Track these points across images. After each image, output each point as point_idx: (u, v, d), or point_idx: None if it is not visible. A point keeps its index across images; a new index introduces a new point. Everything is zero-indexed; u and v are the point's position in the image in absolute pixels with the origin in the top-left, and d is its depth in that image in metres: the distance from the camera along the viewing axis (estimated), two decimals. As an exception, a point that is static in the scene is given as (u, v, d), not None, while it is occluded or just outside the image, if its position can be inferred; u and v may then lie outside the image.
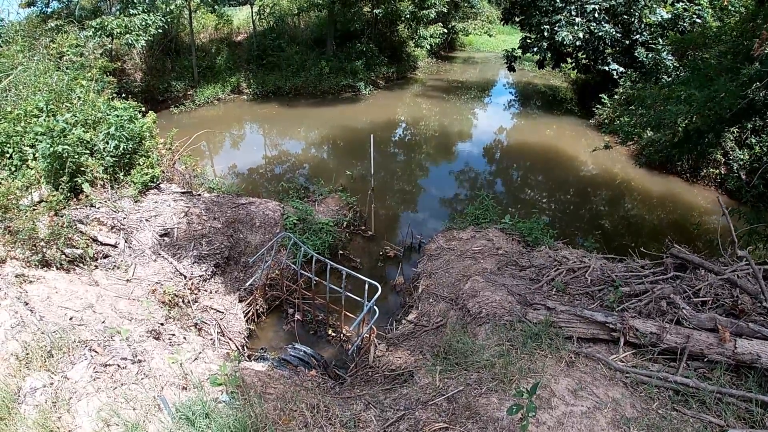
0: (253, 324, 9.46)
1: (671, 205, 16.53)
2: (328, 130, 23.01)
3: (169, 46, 26.02)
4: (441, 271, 10.00)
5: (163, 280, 8.83)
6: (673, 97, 15.81)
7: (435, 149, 22.42)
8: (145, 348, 6.34)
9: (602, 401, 5.77)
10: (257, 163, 19.17)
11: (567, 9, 24.77)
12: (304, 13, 31.66)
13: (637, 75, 22.91)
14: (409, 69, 35.94)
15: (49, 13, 23.06)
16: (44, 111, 10.65)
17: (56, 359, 5.64)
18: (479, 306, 8.04)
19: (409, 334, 8.58)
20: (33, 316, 6.34)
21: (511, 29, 48.20)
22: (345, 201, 13.25)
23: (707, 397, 5.79)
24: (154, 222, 9.96)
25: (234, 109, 25.98)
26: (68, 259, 8.19)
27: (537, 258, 9.87)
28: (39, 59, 14.57)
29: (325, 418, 5.52)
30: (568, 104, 29.51)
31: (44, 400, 5.06)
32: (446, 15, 37.65)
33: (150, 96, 23.41)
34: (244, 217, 11.05)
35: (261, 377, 6.51)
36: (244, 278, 9.99)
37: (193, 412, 4.96)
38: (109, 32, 20.27)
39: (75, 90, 12.36)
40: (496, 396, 5.80)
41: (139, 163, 11.19)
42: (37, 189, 9.40)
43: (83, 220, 9.17)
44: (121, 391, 5.36)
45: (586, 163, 19.85)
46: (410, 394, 6.21)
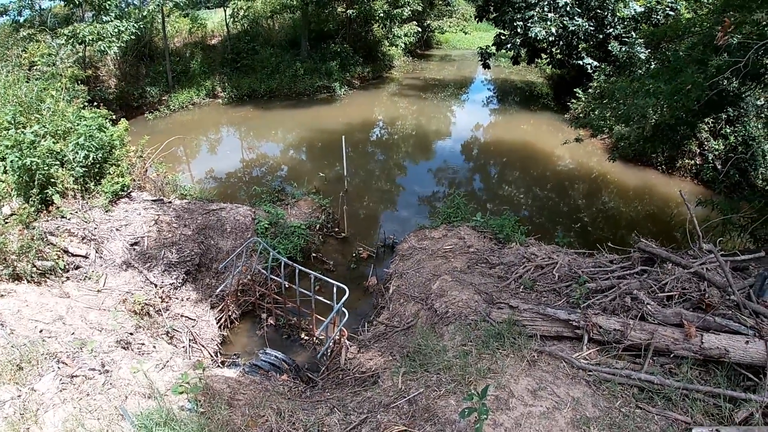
0: (226, 330, 9.51)
1: (648, 197, 16.72)
2: (304, 132, 23.02)
3: (142, 52, 25.87)
4: (412, 271, 10.05)
5: (134, 290, 8.88)
6: (642, 90, 15.96)
7: (412, 148, 22.52)
8: (113, 358, 6.39)
9: (562, 401, 5.71)
10: (234, 166, 19.14)
11: (539, 4, 24.93)
12: (278, 15, 31.67)
13: (611, 69, 23.10)
14: (384, 68, 36.08)
15: (21, 22, 22.87)
16: (12, 124, 10.55)
17: (25, 372, 5.69)
18: (446, 306, 8.10)
19: (380, 336, 8.63)
20: (3, 330, 6.39)
21: (486, 26, 48.35)
22: (318, 203, 13.31)
23: (673, 393, 5.71)
24: (125, 231, 9.96)
25: (209, 114, 25.92)
26: (39, 272, 8.23)
27: (507, 255, 9.93)
28: (9, 70, 14.43)
29: (288, 423, 5.56)
30: (544, 99, 29.74)
31: (12, 413, 5.11)
32: (421, 13, 37.73)
33: (125, 102, 23.29)
34: (214, 223, 11.07)
35: (230, 383, 6.56)
36: (216, 284, 10.03)
37: (152, 421, 5.03)
38: (82, 40, 20.12)
39: (45, 101, 12.25)
40: (454, 398, 5.81)
41: (109, 172, 11.15)
42: (7, 202, 9.38)
43: (54, 232, 9.18)
44: (86, 401, 5.42)
45: (562, 157, 20.01)
46: (374, 397, 6.25)
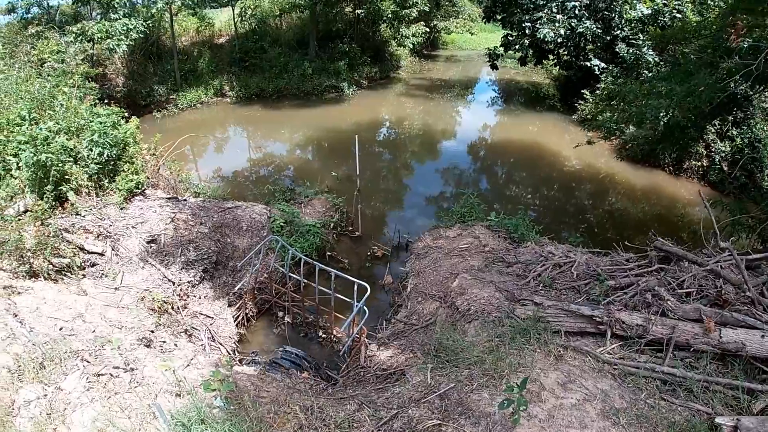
0: (243, 328, 9.46)
1: (655, 197, 16.71)
2: (313, 131, 23.00)
3: (150, 50, 25.83)
4: (429, 269, 10.06)
5: (152, 287, 8.81)
6: (654, 92, 15.98)
7: (420, 148, 22.51)
8: (136, 356, 6.32)
9: (591, 393, 5.88)
10: (242, 166, 19.11)
11: (548, 6, 24.90)
12: (286, 15, 31.64)
13: (619, 70, 23.14)
14: (392, 68, 36.04)
15: (29, 19, 22.88)
16: (27, 119, 10.52)
17: (48, 370, 5.60)
18: (468, 303, 8.12)
19: (399, 333, 8.62)
20: (23, 328, 6.29)
21: (492, 27, 48.35)
22: (331, 202, 13.28)
23: (694, 385, 5.94)
24: (141, 229, 9.92)
25: (218, 113, 25.90)
26: (56, 269, 8.14)
27: (523, 254, 9.96)
28: (20, 66, 14.42)
29: (319, 419, 5.56)
30: (550, 100, 29.70)
31: (39, 412, 5.01)
32: (428, 14, 37.71)
33: (132, 101, 23.23)
34: (230, 222, 11.05)
35: (253, 381, 6.53)
36: (233, 282, 9.99)
37: (189, 419, 4.96)
38: (90, 37, 20.14)
39: (57, 97, 12.23)
40: (487, 391, 5.88)
41: (123, 169, 11.09)
42: (21, 198, 9.30)
43: (69, 229, 9.10)
44: (116, 400, 5.34)
45: (569, 158, 20.00)
46: (402, 392, 6.26)
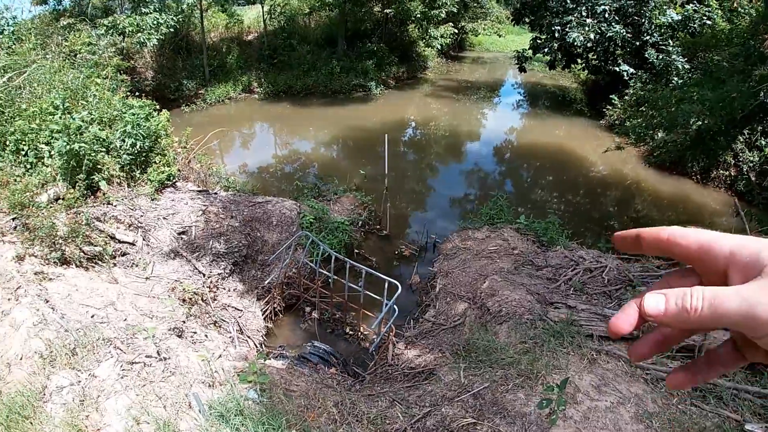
0: (270, 322, 9.45)
1: (682, 206, 16.50)
2: (339, 129, 23.01)
3: (180, 45, 26.05)
4: (458, 270, 10.03)
5: (182, 278, 8.85)
6: (685, 98, 15.86)
7: (445, 149, 22.44)
8: (168, 345, 6.34)
9: (625, 396, 5.91)
10: (268, 162, 19.18)
11: (578, 10, 24.75)
12: (315, 13, 31.69)
13: (648, 76, 22.94)
14: (419, 69, 35.91)
15: (60, 11, 23.19)
16: (60, 109, 10.68)
17: (81, 357, 5.62)
18: (499, 305, 8.08)
19: (427, 333, 8.59)
20: (55, 314, 6.33)
21: (519, 29, 48.16)
22: (360, 200, 13.28)
23: (724, 393, 5.97)
24: (172, 220, 9.99)
25: (245, 108, 26.02)
26: (87, 257, 8.19)
27: (553, 258, 9.90)
28: (52, 57, 14.62)
29: (352, 414, 5.56)
30: (577, 105, 29.45)
31: (71, 399, 5.03)
32: (456, 15, 37.62)
33: (161, 95, 23.38)
34: (261, 216, 11.09)
35: (283, 375, 6.53)
36: (262, 276, 10.00)
37: (228, 410, 4.97)
38: (121, 31, 20.38)
39: (90, 88, 12.40)
40: (522, 392, 5.88)
41: (155, 161, 11.19)
42: (53, 186, 9.42)
43: (101, 218, 9.17)
44: (150, 388, 5.34)
45: (595, 163, 19.83)
46: (435, 390, 6.24)
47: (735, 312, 0.67)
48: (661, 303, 0.74)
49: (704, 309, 0.70)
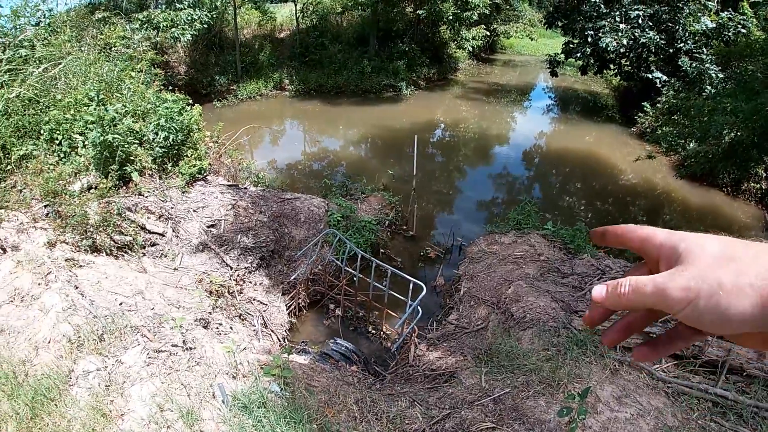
0: (294, 317, 9.51)
1: (711, 218, 16.23)
2: (369, 129, 23.07)
3: (213, 41, 26.33)
4: (483, 274, 10.01)
5: (210, 270, 8.96)
6: (718, 108, 15.62)
7: (474, 152, 22.35)
8: (194, 336, 6.40)
9: (645, 409, 5.85)
10: (297, 159, 19.30)
11: (611, 15, 24.51)
12: (348, 12, 31.75)
13: (680, 84, 22.64)
14: (449, 70, 35.79)
15: (96, 4, 23.56)
16: (95, 100, 10.89)
17: (108, 343, 5.71)
18: (523, 311, 8.05)
19: (449, 336, 8.60)
20: (84, 300, 6.42)
21: (551, 33, 47.85)
22: (387, 200, 13.31)
23: (745, 410, 5.90)
24: (202, 213, 10.12)
25: (276, 105, 26.22)
26: (117, 246, 8.34)
27: (579, 266, 9.82)
28: (87, 50, 14.87)
29: (372, 412, 5.60)
30: (609, 111, 29.08)
31: (97, 383, 5.11)
32: (488, 17, 37.47)
33: (193, 89, 23.61)
34: (289, 212, 11.18)
35: (305, 370, 6.58)
36: (288, 272, 10.08)
37: (251, 401, 5.04)
38: (156, 25, 20.65)
39: (125, 81, 12.62)
40: (543, 399, 5.85)
41: (187, 154, 11.35)
42: (86, 176, 9.60)
43: (132, 208, 9.32)
44: (176, 376, 5.41)
45: (625, 171, 19.60)
46: (455, 393, 6.25)
47: (651, 294, 0.82)
48: (603, 291, 0.89)
49: (629, 293, 0.85)
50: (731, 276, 0.77)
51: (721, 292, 0.76)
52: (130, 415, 4.88)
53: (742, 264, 0.77)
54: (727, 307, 0.75)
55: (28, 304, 6.23)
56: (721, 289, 0.76)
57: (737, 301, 0.75)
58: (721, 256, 0.80)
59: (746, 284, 0.75)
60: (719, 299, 0.76)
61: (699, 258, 0.81)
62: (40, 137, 10.19)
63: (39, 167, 9.08)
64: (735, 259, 0.78)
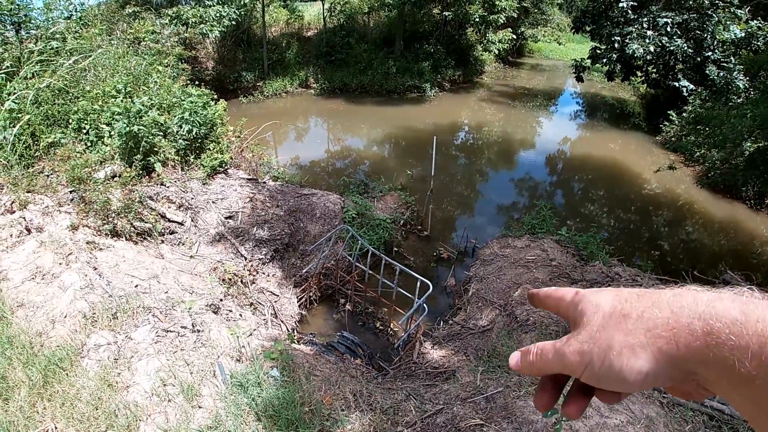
0: (305, 309, 9.72)
1: (733, 231, 16.04)
2: (391, 129, 23.19)
3: (241, 38, 26.72)
4: (492, 276, 10.08)
5: (225, 260, 9.23)
6: (739, 116, 15.43)
7: (497, 155, 22.34)
8: (203, 320, 6.65)
9: (636, 417, 5.76)
10: (319, 156, 19.53)
11: (639, 21, 24.30)
12: (375, 12, 31.96)
13: (707, 93, 22.37)
14: (475, 73, 35.75)
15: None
16: (122, 92, 11.22)
17: (120, 321, 5.99)
18: (527, 314, 8.12)
19: (455, 335, 8.69)
20: (101, 280, 6.71)
21: (581, 38, 47.43)
22: (403, 200, 13.43)
23: (741, 426, 5.77)
24: (220, 204, 10.36)
25: (301, 103, 26.51)
26: (137, 232, 8.64)
27: (590, 273, 9.83)
28: (117, 44, 15.23)
29: (366, 403, 5.75)
30: (635, 119, 28.82)
31: (106, 357, 5.38)
32: (516, 20, 37.33)
33: (220, 84, 24.09)
34: (305, 207, 11.37)
35: (309, 359, 6.75)
36: (301, 265, 10.29)
37: (247, 380, 5.25)
38: (185, 21, 21.04)
39: (152, 75, 12.94)
40: (533, 400, 5.89)
41: (209, 147, 11.63)
42: (111, 164, 9.91)
43: (153, 197, 9.63)
44: (180, 355, 5.67)
45: (649, 181, 19.44)
46: (450, 390, 6.35)
47: (553, 360, 0.85)
48: (516, 358, 0.93)
49: (537, 360, 0.88)
50: (621, 336, 0.78)
51: (613, 354, 0.78)
52: (135, 387, 5.13)
53: (631, 322, 0.79)
54: (620, 368, 0.77)
55: (49, 281, 6.51)
56: (612, 351, 0.78)
57: (629, 361, 0.76)
58: (612, 314, 0.81)
59: (636, 343, 0.76)
60: (612, 361, 0.78)
61: (592, 320, 0.83)
62: (68, 126, 10.58)
63: (66, 154, 9.42)
64: (626, 316, 0.80)
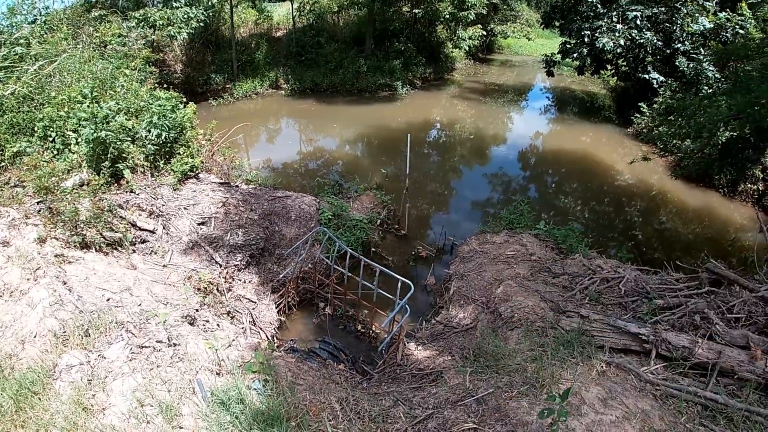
0: (284, 315, 9.53)
1: (707, 219, 16.19)
2: (364, 128, 23.05)
3: (209, 40, 26.35)
4: (473, 273, 9.99)
5: (199, 268, 9.00)
6: (713, 106, 15.55)
7: (470, 152, 22.33)
8: (180, 332, 6.44)
9: (631, 412, 5.77)
10: (292, 157, 19.29)
11: (608, 15, 24.45)
12: (344, 11, 31.76)
13: (678, 85, 22.56)
14: (446, 70, 35.75)
15: (93, 2, 23.52)
16: (88, 97, 10.91)
17: (93, 338, 5.76)
18: (511, 310, 8.02)
19: (438, 335, 8.59)
20: (71, 296, 6.48)
21: (550, 33, 47.79)
22: (379, 199, 13.30)
23: (735, 414, 5.77)
24: (192, 210, 10.12)
25: (272, 104, 26.24)
26: (107, 242, 8.37)
27: (570, 266, 9.80)
28: (83, 47, 14.87)
29: (354, 411, 5.58)
30: (606, 112, 29.05)
31: (80, 378, 5.16)
32: (485, 17, 37.40)
33: (189, 87, 23.74)
34: (280, 210, 11.17)
35: (291, 368, 6.58)
36: (278, 270, 10.11)
37: (229, 397, 5.04)
38: (152, 23, 20.64)
39: (118, 78, 12.62)
40: (526, 400, 5.81)
41: (179, 152, 11.39)
42: (78, 173, 9.63)
43: (123, 205, 9.37)
44: (157, 372, 5.46)
45: (622, 172, 19.55)
46: (439, 393, 6.24)
47: None
48: None
49: None
50: None
51: None
52: (111, 410, 4.92)
53: None
54: None
55: (17, 299, 6.28)
56: None
57: None
58: None
59: None
60: None
61: None
62: (34, 134, 10.27)
63: (33, 164, 9.11)
64: None
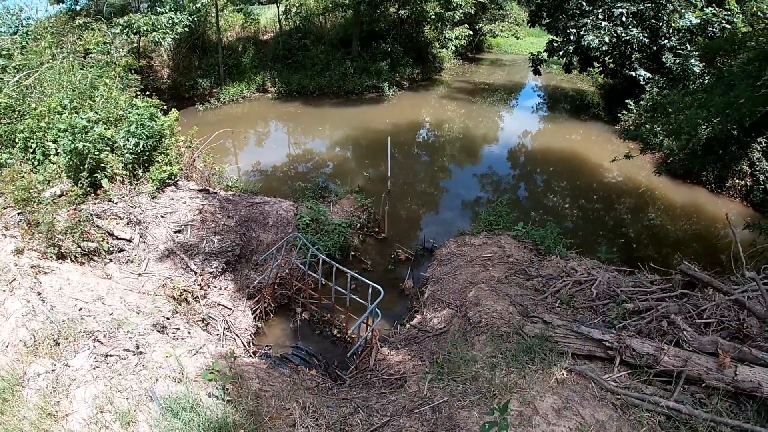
0: (260, 321, 9.63)
1: (695, 216, 16.23)
2: (351, 130, 23.10)
3: (195, 44, 26.39)
4: (449, 276, 10.01)
5: (174, 276, 9.07)
6: (694, 104, 15.53)
7: (458, 152, 22.39)
8: (147, 341, 6.53)
9: (587, 422, 5.57)
10: (280, 161, 19.37)
11: (594, 13, 24.46)
12: (330, 13, 31.83)
13: (664, 81, 22.56)
14: (434, 70, 35.78)
15: (77, 10, 23.51)
16: (67, 108, 10.95)
17: (62, 347, 5.91)
18: (480, 315, 8.01)
19: (412, 339, 8.61)
20: (44, 306, 6.59)
21: (539, 32, 47.65)
22: (360, 202, 13.35)
23: (700, 425, 5.50)
24: (170, 218, 10.16)
25: (259, 108, 26.29)
26: (83, 252, 8.44)
27: (546, 268, 9.78)
28: (65, 57, 14.87)
29: (312, 418, 5.61)
30: (595, 109, 29.06)
31: (45, 385, 5.32)
32: (473, 16, 37.38)
33: (176, 93, 23.82)
34: (257, 216, 11.21)
35: (260, 374, 6.65)
36: (255, 276, 10.18)
37: (180, 405, 5.16)
38: (137, 30, 20.62)
39: (98, 88, 12.64)
40: (477, 409, 5.75)
41: (158, 160, 11.42)
42: (57, 183, 9.69)
43: (101, 215, 9.42)
44: (118, 380, 5.58)
45: (610, 170, 19.57)
46: (398, 400, 6.26)
47: None
48: None
49: None
50: None
51: None
52: (74, 416, 5.08)
53: None
54: None
55: (-8, 310, 6.36)
56: None
57: None
58: None
59: None
60: None
61: None
62: (15, 146, 10.37)
63: (12, 176, 9.18)
64: None
